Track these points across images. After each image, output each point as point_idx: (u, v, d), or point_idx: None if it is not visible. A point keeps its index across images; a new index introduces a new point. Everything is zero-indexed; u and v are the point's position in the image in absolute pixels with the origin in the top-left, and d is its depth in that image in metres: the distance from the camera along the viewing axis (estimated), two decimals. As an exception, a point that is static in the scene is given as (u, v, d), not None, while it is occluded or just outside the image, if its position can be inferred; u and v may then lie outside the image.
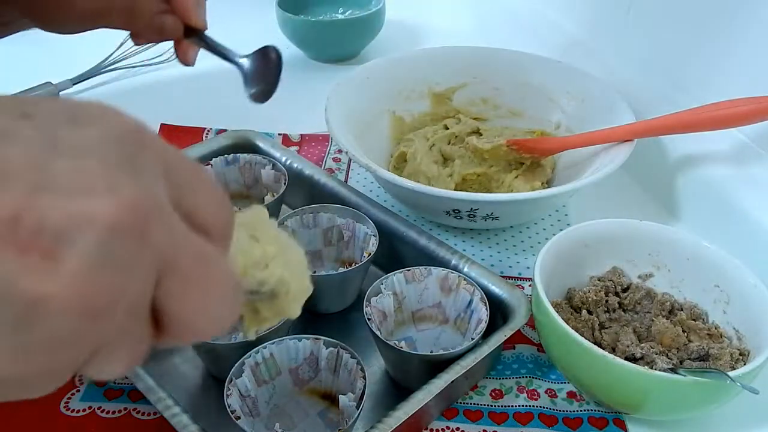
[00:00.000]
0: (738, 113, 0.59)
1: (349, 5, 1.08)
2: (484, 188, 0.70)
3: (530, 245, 0.69)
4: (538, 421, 0.51)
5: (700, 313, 0.55)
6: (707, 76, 0.69)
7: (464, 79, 0.81)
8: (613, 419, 0.52)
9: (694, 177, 0.68)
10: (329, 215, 0.62)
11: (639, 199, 0.75)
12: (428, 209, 0.67)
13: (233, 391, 0.46)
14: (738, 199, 0.63)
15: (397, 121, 0.78)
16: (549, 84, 0.78)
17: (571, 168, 0.70)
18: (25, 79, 0.90)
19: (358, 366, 0.47)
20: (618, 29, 0.82)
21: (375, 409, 0.51)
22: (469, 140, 0.71)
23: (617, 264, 0.58)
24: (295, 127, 0.85)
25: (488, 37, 1.09)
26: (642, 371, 0.45)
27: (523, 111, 0.79)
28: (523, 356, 0.57)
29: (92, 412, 0.51)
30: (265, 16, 1.05)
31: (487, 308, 0.53)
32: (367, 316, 0.52)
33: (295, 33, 1.00)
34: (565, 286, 0.57)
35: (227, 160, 0.68)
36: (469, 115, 0.79)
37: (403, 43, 1.09)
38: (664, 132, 0.65)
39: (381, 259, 0.61)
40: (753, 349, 0.50)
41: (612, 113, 0.69)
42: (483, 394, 0.54)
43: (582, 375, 0.50)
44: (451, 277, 0.55)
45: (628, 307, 0.57)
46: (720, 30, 0.67)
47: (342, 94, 0.72)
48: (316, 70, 1.02)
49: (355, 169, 0.79)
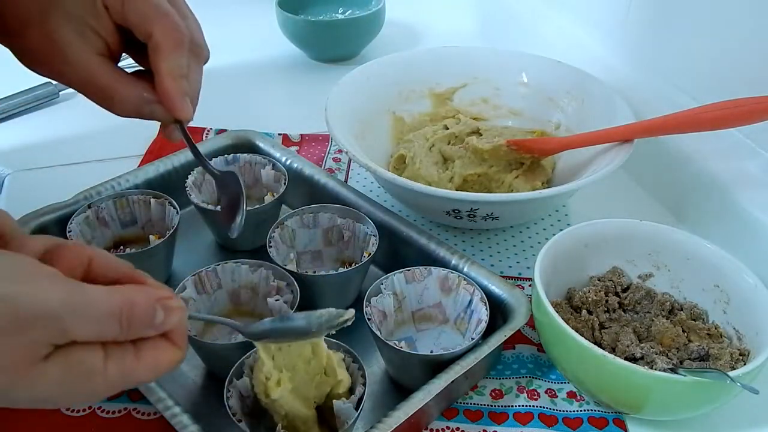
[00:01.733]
0: (738, 113, 0.58)
1: (349, 5, 1.08)
2: (485, 188, 0.70)
3: (530, 245, 0.69)
4: (538, 421, 0.51)
5: (700, 313, 0.55)
6: (707, 76, 0.69)
7: (464, 79, 0.81)
8: (613, 419, 0.52)
9: (694, 177, 0.68)
10: (329, 215, 0.62)
11: (639, 199, 0.75)
12: (428, 209, 0.67)
13: (233, 392, 0.46)
14: (738, 199, 0.63)
15: (397, 121, 0.78)
16: (549, 84, 0.78)
17: (571, 168, 0.70)
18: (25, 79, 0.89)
19: (359, 372, 0.47)
20: (618, 29, 0.82)
21: (375, 409, 0.51)
22: (469, 140, 0.71)
23: (617, 264, 0.58)
24: (295, 127, 0.85)
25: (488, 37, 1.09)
26: (642, 371, 0.45)
27: (523, 111, 0.79)
28: (523, 356, 0.57)
29: (92, 412, 0.51)
30: (265, 16, 1.05)
31: (487, 308, 0.53)
32: (367, 316, 0.52)
33: (295, 33, 1.00)
34: (565, 286, 0.57)
35: (227, 160, 0.68)
36: (469, 115, 0.79)
37: (403, 43, 1.09)
38: (664, 132, 0.65)
39: (381, 259, 0.61)
40: (753, 349, 0.50)
41: (612, 113, 0.69)
42: (483, 394, 0.54)
43: (582, 375, 0.50)
44: (451, 277, 0.55)
45: (628, 307, 0.57)
46: (720, 30, 0.67)
47: (342, 94, 0.72)
48: (316, 70, 1.02)
49: (355, 169, 0.79)
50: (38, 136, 0.84)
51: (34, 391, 0.30)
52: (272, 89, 0.97)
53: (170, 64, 0.44)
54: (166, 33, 0.43)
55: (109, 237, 0.63)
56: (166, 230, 0.60)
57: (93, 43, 0.44)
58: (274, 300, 0.54)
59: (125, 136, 0.81)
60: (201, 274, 0.55)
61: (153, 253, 0.59)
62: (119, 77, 0.45)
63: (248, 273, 0.56)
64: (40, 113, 0.89)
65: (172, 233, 0.60)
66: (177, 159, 0.70)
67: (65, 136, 0.83)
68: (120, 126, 0.85)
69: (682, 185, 0.70)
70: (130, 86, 0.45)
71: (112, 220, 0.63)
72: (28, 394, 0.30)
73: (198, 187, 0.65)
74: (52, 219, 0.61)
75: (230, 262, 0.56)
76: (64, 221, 0.60)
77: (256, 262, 0.56)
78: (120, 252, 0.61)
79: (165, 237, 0.59)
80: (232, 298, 0.57)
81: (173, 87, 0.44)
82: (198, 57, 0.47)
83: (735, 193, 0.63)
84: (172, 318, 0.33)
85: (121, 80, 0.45)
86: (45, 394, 0.30)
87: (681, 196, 0.71)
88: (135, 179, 0.67)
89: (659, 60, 0.76)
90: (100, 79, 0.44)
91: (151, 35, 0.43)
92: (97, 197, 0.63)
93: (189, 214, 0.67)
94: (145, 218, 0.64)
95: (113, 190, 0.65)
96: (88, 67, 0.44)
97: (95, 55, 0.44)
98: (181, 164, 0.69)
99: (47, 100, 0.90)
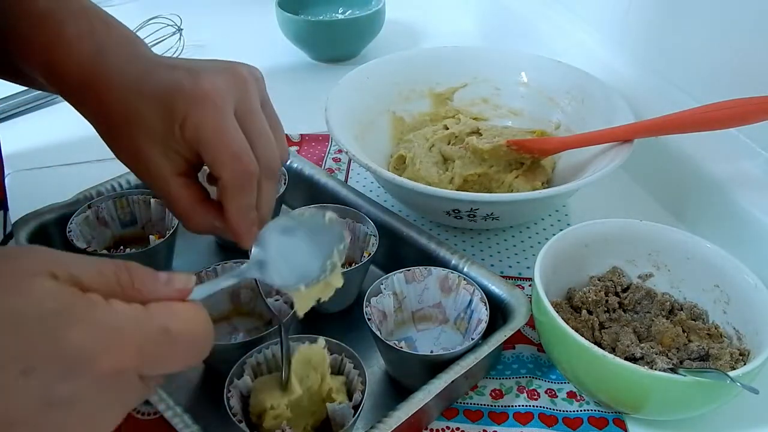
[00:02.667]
0: (738, 113, 0.58)
1: (349, 5, 1.08)
2: (485, 188, 0.70)
3: (530, 245, 0.69)
4: (538, 421, 0.51)
5: (700, 313, 0.55)
6: (707, 76, 0.70)
7: (464, 79, 0.81)
8: (613, 419, 0.52)
9: (694, 177, 0.68)
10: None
11: (639, 199, 0.75)
12: (428, 209, 0.67)
13: (233, 392, 0.46)
14: (738, 199, 0.63)
15: (397, 121, 0.78)
16: (549, 84, 0.78)
17: (571, 168, 0.70)
18: (25, 79, 0.90)
19: (359, 378, 0.47)
20: (618, 29, 0.82)
21: (375, 409, 0.51)
22: (469, 140, 0.71)
23: (617, 264, 0.58)
24: (295, 127, 0.85)
25: (488, 37, 1.09)
26: (642, 371, 0.45)
27: (523, 111, 0.79)
28: (523, 356, 0.57)
29: (92, 412, 0.51)
30: (265, 16, 1.05)
31: (487, 308, 0.53)
32: (367, 316, 0.52)
33: (295, 33, 1.00)
34: (565, 286, 0.57)
35: (227, 160, 0.68)
36: (469, 115, 0.79)
37: (403, 43, 1.09)
38: (664, 132, 0.65)
39: (381, 259, 0.61)
40: (753, 349, 0.50)
41: (612, 113, 0.69)
42: (483, 394, 0.54)
43: (582, 375, 0.50)
44: (451, 277, 0.55)
45: (628, 307, 0.57)
46: (720, 30, 0.67)
47: (342, 94, 0.72)
48: (316, 70, 1.02)
49: (355, 169, 0.79)
50: (38, 136, 0.84)
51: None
52: (272, 89, 0.96)
53: (237, 204, 0.44)
54: (234, 177, 0.43)
55: (109, 237, 0.63)
56: (166, 230, 0.60)
57: (174, 164, 0.44)
58: (274, 300, 0.54)
59: (125, 136, 0.81)
60: (201, 274, 0.55)
61: (153, 253, 0.59)
62: (195, 207, 0.46)
63: (248, 273, 0.56)
64: (40, 113, 0.89)
65: (172, 233, 0.60)
66: (177, 159, 0.69)
67: (65, 136, 0.83)
68: (120, 126, 0.86)
69: (682, 185, 0.70)
70: (203, 217, 0.46)
71: (112, 220, 0.63)
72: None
73: (198, 187, 0.65)
74: (52, 219, 0.61)
75: (230, 262, 0.56)
76: (64, 221, 0.60)
77: (256, 262, 0.56)
78: (120, 252, 0.61)
79: (165, 237, 0.59)
80: (232, 298, 0.57)
81: (239, 224, 0.45)
82: (271, 177, 0.47)
83: (735, 193, 0.63)
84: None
85: (196, 211, 0.46)
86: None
87: (681, 196, 0.71)
88: (135, 179, 0.67)
89: (659, 60, 0.76)
90: (177, 203, 0.45)
91: (220, 177, 0.43)
92: (97, 197, 0.63)
93: (189, 214, 0.67)
94: (145, 218, 0.64)
95: (113, 190, 0.65)
96: (167, 190, 0.45)
97: (175, 177, 0.45)
98: (181, 164, 0.69)
99: (47, 100, 0.90)
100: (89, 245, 0.59)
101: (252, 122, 0.45)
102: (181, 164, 0.45)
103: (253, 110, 0.45)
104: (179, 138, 0.43)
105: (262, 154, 0.44)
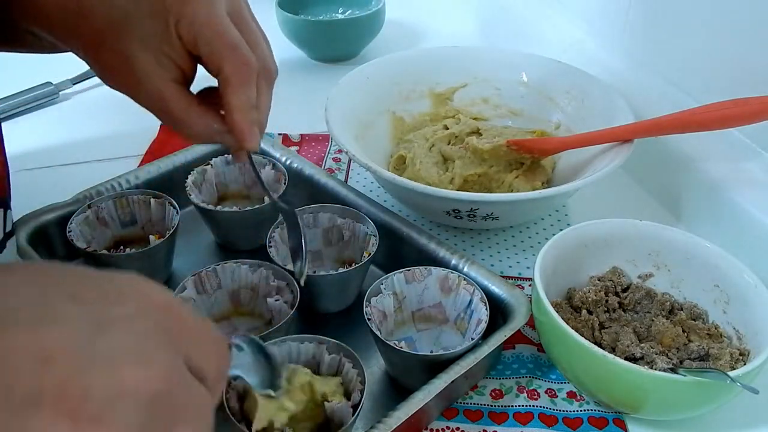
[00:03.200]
0: (738, 113, 0.58)
1: (349, 5, 1.08)
2: (485, 188, 0.70)
3: (530, 245, 0.69)
4: (538, 421, 0.51)
5: (700, 313, 0.55)
6: (707, 76, 0.69)
7: (464, 79, 0.81)
8: (613, 419, 0.52)
9: (694, 177, 0.68)
10: (329, 215, 0.62)
11: (639, 199, 0.75)
12: (428, 209, 0.67)
13: (233, 392, 0.46)
14: (738, 199, 0.63)
15: (397, 121, 0.78)
16: (549, 84, 0.78)
17: (571, 168, 0.70)
18: (25, 79, 0.90)
19: (358, 378, 0.47)
20: (618, 29, 0.82)
21: (375, 409, 0.51)
22: (469, 140, 0.71)
23: (617, 264, 0.58)
24: (295, 127, 0.85)
25: (488, 37, 1.09)
26: (642, 371, 0.45)
27: (523, 111, 0.79)
28: (523, 356, 0.57)
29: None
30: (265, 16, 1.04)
31: (487, 308, 0.53)
32: (367, 316, 0.52)
33: (295, 33, 1.00)
34: (565, 286, 0.57)
35: (227, 160, 0.68)
36: (469, 115, 0.79)
37: (403, 43, 1.09)
38: (664, 132, 0.65)
39: (381, 259, 0.61)
40: (753, 349, 0.50)
41: (612, 113, 0.69)
42: (483, 394, 0.54)
43: (582, 375, 0.50)
44: (451, 277, 0.55)
45: (628, 307, 0.57)
46: (720, 30, 0.67)
47: (342, 94, 0.72)
48: (316, 70, 1.02)
49: (355, 169, 0.79)
50: (38, 136, 0.84)
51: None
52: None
53: (239, 98, 0.44)
54: (236, 69, 0.43)
55: (109, 237, 0.63)
56: (166, 230, 0.60)
57: (168, 70, 0.44)
58: (274, 300, 0.54)
59: (125, 136, 0.81)
60: (201, 274, 0.55)
61: (153, 253, 0.59)
62: (191, 109, 0.46)
63: (248, 273, 0.56)
64: (40, 113, 0.89)
65: (172, 233, 0.60)
66: (177, 159, 0.70)
67: (65, 136, 0.83)
68: (120, 126, 0.86)
69: (682, 185, 0.70)
70: (201, 118, 0.46)
71: (112, 220, 0.63)
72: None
73: (198, 187, 0.65)
74: (52, 219, 0.61)
75: (230, 262, 0.56)
76: (64, 221, 0.60)
77: (256, 262, 0.56)
78: (120, 252, 0.61)
79: (165, 237, 0.59)
80: (232, 298, 0.57)
81: (242, 121, 0.45)
82: (267, 79, 0.47)
83: (735, 193, 0.63)
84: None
85: (192, 112, 0.46)
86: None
87: (681, 196, 0.71)
88: (135, 179, 0.67)
89: (659, 60, 0.76)
90: (173, 110, 0.45)
91: (220, 70, 0.43)
92: (97, 197, 0.63)
93: (189, 214, 0.67)
94: (145, 218, 0.64)
95: (113, 190, 0.65)
96: (161, 97, 0.45)
97: (169, 83, 0.45)
98: (181, 164, 0.69)
99: (47, 100, 0.90)
100: (89, 245, 0.59)
101: (244, 24, 0.45)
102: (175, 71, 0.44)
103: (244, 14, 0.46)
104: (175, 39, 0.43)
105: (258, 54, 0.45)
